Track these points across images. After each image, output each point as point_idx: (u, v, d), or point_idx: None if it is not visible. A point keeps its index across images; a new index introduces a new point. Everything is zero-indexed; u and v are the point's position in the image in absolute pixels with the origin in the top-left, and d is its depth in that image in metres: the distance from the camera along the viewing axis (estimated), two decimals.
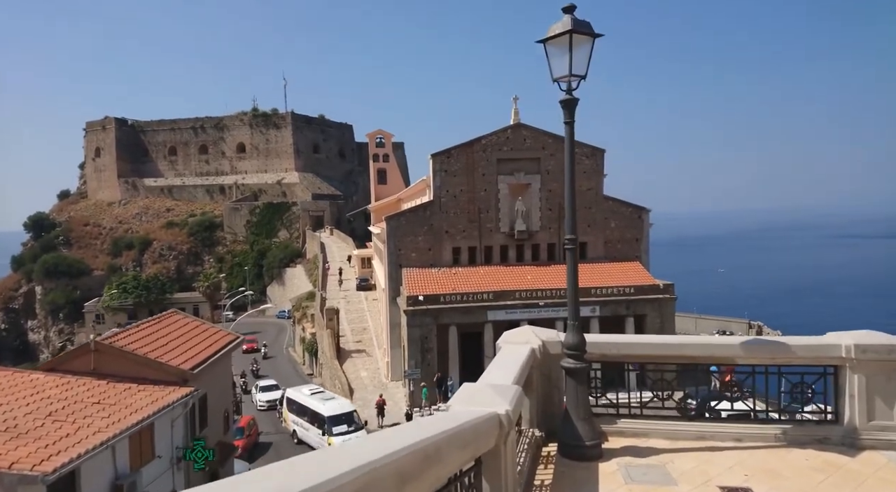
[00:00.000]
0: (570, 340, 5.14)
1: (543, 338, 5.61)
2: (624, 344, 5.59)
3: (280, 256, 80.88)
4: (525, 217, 37.26)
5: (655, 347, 5.54)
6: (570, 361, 5.12)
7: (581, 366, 5.10)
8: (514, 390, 3.85)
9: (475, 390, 3.81)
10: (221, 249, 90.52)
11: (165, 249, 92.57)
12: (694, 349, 5.47)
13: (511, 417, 3.56)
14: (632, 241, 39.02)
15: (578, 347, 5.12)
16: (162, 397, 15.82)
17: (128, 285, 78.78)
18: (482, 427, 3.30)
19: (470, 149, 36.76)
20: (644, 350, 5.53)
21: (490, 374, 4.43)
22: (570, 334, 5.16)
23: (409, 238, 36.54)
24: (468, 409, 3.55)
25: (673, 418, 5.60)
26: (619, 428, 5.54)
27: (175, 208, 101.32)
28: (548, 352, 5.56)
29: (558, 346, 5.53)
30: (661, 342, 5.55)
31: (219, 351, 19.19)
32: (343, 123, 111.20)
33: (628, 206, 39.04)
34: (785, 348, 5.30)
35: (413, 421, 3.28)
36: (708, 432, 5.42)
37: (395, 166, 69.18)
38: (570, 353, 5.14)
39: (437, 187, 36.57)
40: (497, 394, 3.72)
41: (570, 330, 5.18)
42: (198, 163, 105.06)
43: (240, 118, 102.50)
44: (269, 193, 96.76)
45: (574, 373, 5.14)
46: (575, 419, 5.09)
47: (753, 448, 5.21)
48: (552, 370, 5.64)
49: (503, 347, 5.49)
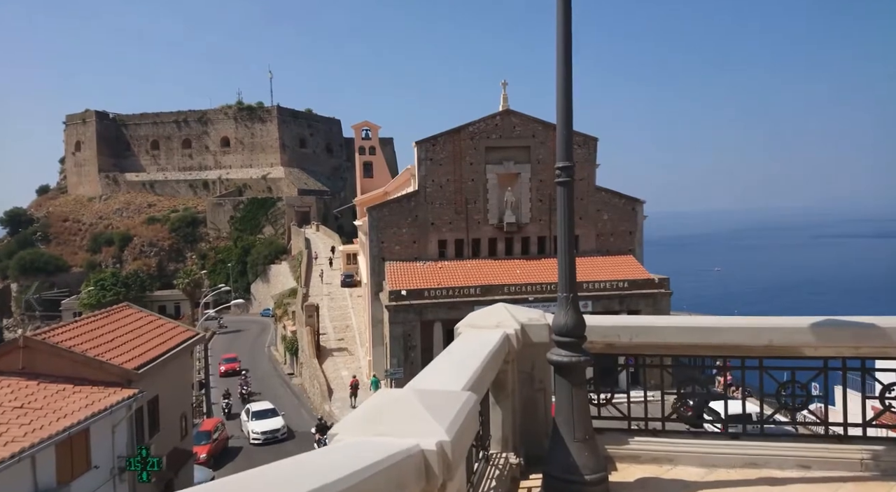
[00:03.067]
0: (563, 322, 3.42)
1: (523, 320, 3.88)
2: (640, 328, 3.86)
3: (265, 253, 78.70)
4: (514, 208, 35.59)
5: (684, 332, 3.82)
6: (563, 353, 3.41)
7: (578, 359, 3.38)
8: (462, 404, 2.13)
9: (390, 403, 2.09)
10: (204, 246, 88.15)
11: (146, 245, 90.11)
12: (740, 335, 3.76)
13: (451, 453, 1.83)
14: (625, 234, 37.49)
15: (574, 332, 3.40)
16: (100, 400, 13.95)
17: (106, 282, 76.14)
18: (386, 480, 1.58)
19: (457, 136, 35.02)
20: (669, 337, 3.81)
21: (430, 373, 2.71)
22: (563, 313, 3.44)
23: (392, 230, 34.75)
24: (367, 441, 1.84)
25: (708, 435, 3.90)
26: (633, 450, 3.83)
27: (157, 204, 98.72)
28: (529, 340, 3.84)
29: (545, 331, 3.82)
30: (694, 326, 3.84)
31: (172, 349, 17.32)
32: (331, 117, 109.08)
33: (621, 197, 37.49)
34: (877, 333, 3.61)
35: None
36: (761, 456, 3.72)
37: (381, 159, 67.28)
38: (563, 340, 3.43)
39: (422, 176, 34.80)
40: (427, 410, 1.99)
41: (563, 307, 3.46)
42: (181, 157, 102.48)
43: (224, 112, 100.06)
44: (253, 189, 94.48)
45: (568, 370, 3.42)
46: (569, 440, 3.38)
47: (830, 481, 3.52)
48: (536, 367, 3.92)
49: (463, 332, 3.76)
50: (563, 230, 3.45)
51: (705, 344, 3.81)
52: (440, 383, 2.48)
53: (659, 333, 3.82)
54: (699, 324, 3.83)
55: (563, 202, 3.42)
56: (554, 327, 3.51)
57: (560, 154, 3.41)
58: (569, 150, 3.40)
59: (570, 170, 3.40)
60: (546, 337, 3.81)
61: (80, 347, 15.05)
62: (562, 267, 3.50)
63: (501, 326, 3.74)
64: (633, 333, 3.83)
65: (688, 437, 3.90)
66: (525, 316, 3.95)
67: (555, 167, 3.43)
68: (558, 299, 3.52)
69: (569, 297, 3.47)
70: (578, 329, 3.44)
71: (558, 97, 3.40)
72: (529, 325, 3.87)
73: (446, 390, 2.27)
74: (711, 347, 3.82)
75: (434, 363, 2.88)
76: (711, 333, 3.80)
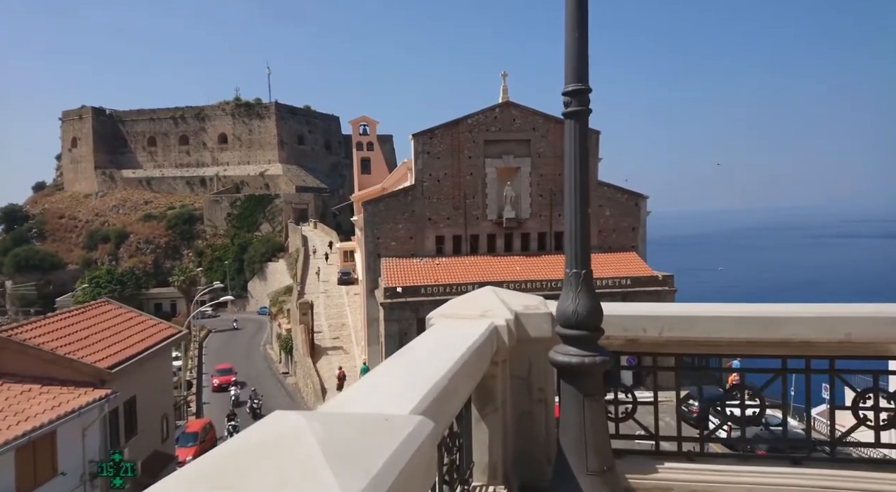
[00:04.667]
0: (572, 309, 2.47)
1: (517, 307, 2.93)
2: (675, 319, 2.89)
3: (262, 251, 77.68)
4: (514, 204, 34.62)
5: (734, 324, 2.86)
6: (571, 352, 2.46)
7: (592, 360, 2.43)
8: (398, 445, 1.16)
9: (258, 449, 1.12)
10: (201, 243, 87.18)
11: (143, 242, 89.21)
12: (809, 328, 2.80)
13: None
14: (628, 230, 36.53)
15: (587, 323, 2.45)
16: (68, 401, 13.01)
17: (101, 280, 75.33)
18: None
19: (455, 129, 34.03)
20: (714, 330, 2.84)
21: (369, 385, 1.75)
22: (571, 297, 2.48)
23: (388, 226, 33.78)
24: None
25: (762, 461, 2.95)
26: (663, 481, 2.88)
27: (154, 201, 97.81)
28: (525, 334, 2.88)
29: (546, 322, 2.86)
30: (746, 316, 2.87)
31: (151, 347, 16.37)
32: (329, 114, 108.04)
33: (624, 192, 36.52)
34: None
35: None
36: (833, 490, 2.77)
37: (379, 155, 66.29)
38: (571, 334, 2.47)
39: (419, 170, 33.82)
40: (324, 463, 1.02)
41: (571, 288, 2.50)
42: (178, 154, 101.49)
43: (222, 108, 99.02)
44: (251, 186, 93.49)
45: (578, 375, 2.47)
46: (579, 471, 2.43)
47: None
48: (534, 369, 2.97)
49: (437, 323, 2.81)
50: (572, 180, 2.50)
51: (762, 340, 2.85)
52: (378, 402, 1.52)
53: (700, 326, 2.86)
54: (753, 312, 2.87)
55: (571, 140, 2.46)
56: (559, 317, 2.56)
57: (570, 74, 2.44)
58: (582, 68, 2.44)
59: (584, 95, 2.44)
60: (548, 330, 2.86)
61: (50, 344, 14.11)
62: (571, 233, 2.54)
63: (488, 316, 2.78)
64: (664, 325, 2.88)
65: (735, 462, 2.94)
66: (520, 303, 3.00)
67: (562, 92, 2.47)
68: (565, 278, 2.57)
69: (580, 274, 2.52)
70: (593, 318, 2.49)
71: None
72: (526, 314, 2.91)
73: (379, 417, 1.31)
74: (771, 344, 2.86)
75: (382, 368, 1.93)
76: (771, 325, 2.84)
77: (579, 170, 2.44)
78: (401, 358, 2.03)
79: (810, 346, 2.83)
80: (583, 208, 2.50)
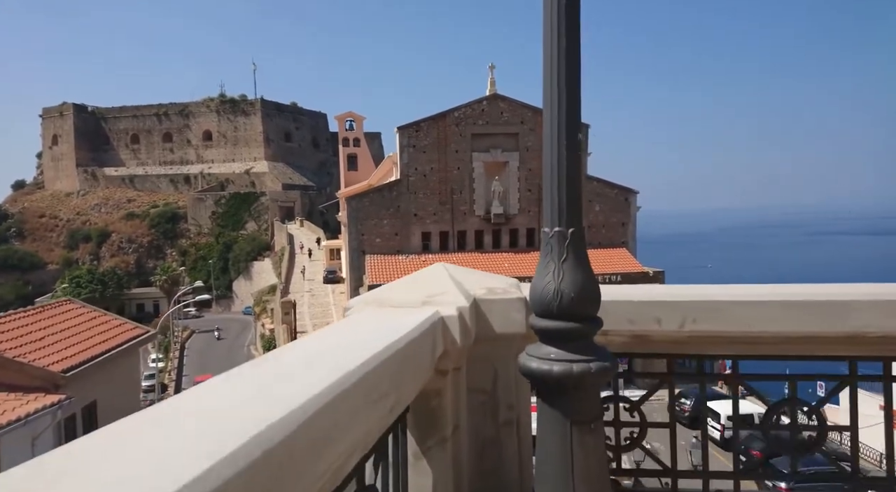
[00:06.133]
0: (553, 289, 1.59)
1: (477, 291, 2.05)
2: (704, 306, 2.00)
3: (247, 250, 76.33)
4: (502, 199, 33.85)
5: (783, 312, 1.99)
6: (551, 355, 1.59)
7: (587, 367, 1.56)
8: None
9: None
10: (185, 242, 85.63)
11: (125, 241, 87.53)
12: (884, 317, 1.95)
13: None
14: (618, 225, 35.91)
15: (577, 309, 1.58)
16: (14, 409, 11.97)
17: (82, 280, 73.71)
18: None
19: (441, 122, 33.17)
20: (757, 321, 1.97)
21: (137, 425, 0.86)
22: (553, 270, 1.60)
23: (372, 222, 32.86)
24: None
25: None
26: None
27: (137, 199, 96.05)
28: (489, 329, 2.01)
29: (517, 310, 2.00)
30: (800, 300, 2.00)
31: (113, 348, 15.33)
32: (317, 111, 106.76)
33: (614, 187, 35.89)
34: None
35: None
36: None
37: (366, 151, 65.24)
38: (552, 327, 1.60)
39: (404, 164, 32.93)
40: None
41: (552, 258, 1.62)
42: (161, 151, 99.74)
43: (206, 105, 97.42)
44: (236, 183, 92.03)
45: (563, 389, 1.60)
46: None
47: None
48: (501, 380, 2.09)
49: (356, 313, 1.92)
50: (554, 92, 1.62)
51: (822, 334, 1.99)
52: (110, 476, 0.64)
53: (737, 315, 1.99)
54: (809, 295, 2.01)
55: (554, 22, 1.58)
56: (533, 301, 1.67)
57: None
58: None
59: None
60: (521, 322, 1.99)
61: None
62: (551, 177, 1.66)
63: (433, 303, 1.90)
64: (687, 314, 2.01)
65: None
66: (481, 284, 2.12)
67: None
68: (542, 243, 1.69)
69: (564, 235, 1.63)
70: (586, 302, 1.61)
71: None
72: (489, 300, 2.04)
73: None
74: (833, 339, 2.01)
75: (196, 391, 1.04)
76: (834, 312, 1.98)
77: (566, 68, 1.56)
78: (246, 372, 1.15)
79: (889, 341, 1.98)
80: (569, 138, 1.63)
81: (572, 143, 1.61)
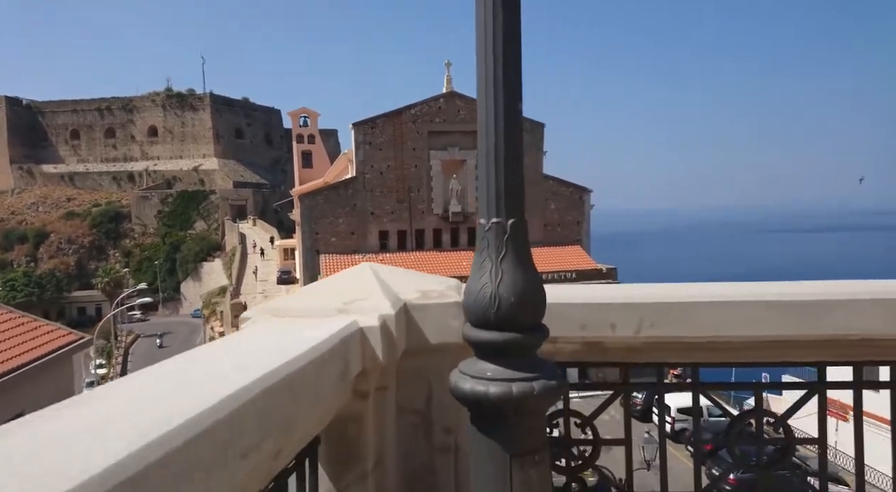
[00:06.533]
0: (490, 290, 1.31)
1: (408, 295, 1.75)
2: (667, 308, 1.76)
3: (196, 250, 73.61)
4: (460, 198, 33.70)
5: (758, 313, 1.77)
6: (487, 373, 1.31)
7: (528, 387, 1.29)
8: None
9: None
10: (129, 243, 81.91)
11: (64, 242, 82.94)
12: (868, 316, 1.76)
13: None
14: (572, 224, 36.37)
15: (518, 315, 1.30)
16: None
17: (17, 283, 69.54)
18: None
19: (398, 119, 32.72)
20: (737, 323, 1.74)
21: None
22: (489, 268, 1.32)
23: (327, 220, 32.13)
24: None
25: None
26: None
27: (77, 198, 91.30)
28: (421, 339, 1.71)
29: (455, 316, 1.71)
30: (781, 299, 1.78)
31: (42, 356, 14.25)
32: (270, 107, 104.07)
33: (569, 186, 36.32)
34: None
35: None
36: None
37: (321, 148, 63.95)
38: (489, 339, 1.32)
39: (360, 162, 32.34)
40: None
41: (489, 254, 1.34)
42: (104, 148, 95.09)
43: (152, 99, 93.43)
44: (184, 181, 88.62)
45: (501, 416, 1.32)
46: None
47: None
48: (437, 399, 1.79)
49: (252, 324, 1.58)
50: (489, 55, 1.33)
51: (795, 338, 1.78)
52: None
53: (703, 317, 1.76)
54: (779, 294, 1.79)
55: None
56: (468, 306, 1.38)
57: None
58: None
59: None
60: (461, 331, 1.70)
61: None
62: (487, 157, 1.38)
63: (351, 311, 1.58)
64: (645, 316, 1.76)
65: None
66: (415, 287, 1.82)
67: None
68: (478, 236, 1.40)
69: (503, 227, 1.35)
70: (529, 307, 1.34)
71: None
72: (423, 305, 1.74)
73: None
74: (806, 344, 1.80)
75: None
76: (807, 313, 1.77)
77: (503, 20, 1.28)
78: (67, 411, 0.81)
79: (869, 346, 1.79)
80: (508, 109, 1.34)
81: (512, 114, 1.33)
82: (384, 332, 1.54)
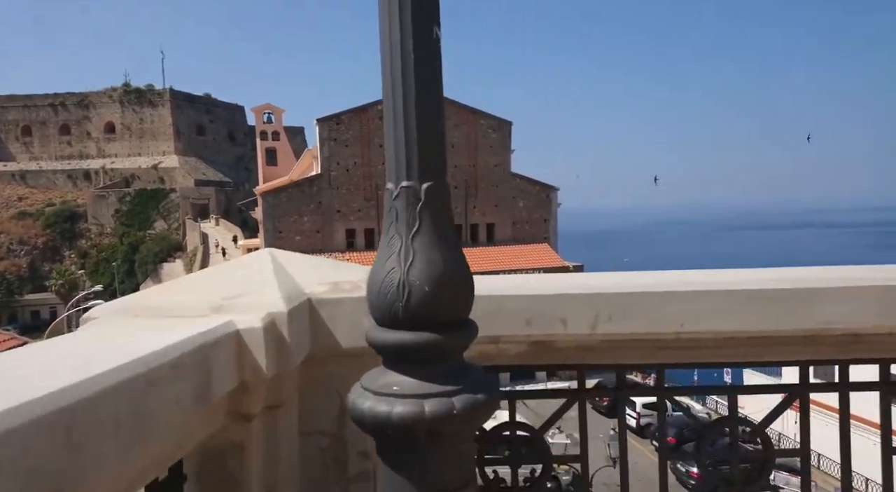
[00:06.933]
0: (398, 276, 1.00)
1: (312, 288, 1.41)
2: (629, 298, 1.47)
3: (155, 250, 71.19)
4: None
5: (731, 303, 1.50)
6: (393, 388, 1.00)
7: (447, 407, 0.98)
8: None
9: None
10: (85, 243, 78.79)
11: (16, 243, 79.27)
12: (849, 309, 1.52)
13: None
14: (540, 222, 36.45)
15: (432, 309, 1.00)
16: None
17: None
18: None
19: (364, 115, 32.15)
20: (705, 317, 1.47)
21: None
22: (398, 247, 1.01)
23: (291, 218, 31.36)
24: None
25: None
26: None
27: (29, 197, 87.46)
28: (331, 342, 1.38)
29: (352, 317, 1.38)
30: (757, 288, 1.52)
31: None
32: (234, 103, 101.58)
33: (536, 184, 36.38)
34: None
35: None
36: None
37: (286, 146, 62.65)
38: (396, 341, 1.01)
39: (325, 158, 31.66)
40: None
41: (398, 228, 1.03)
42: (58, 145, 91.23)
43: (108, 95, 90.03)
44: (143, 179, 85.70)
45: (413, 446, 1.01)
46: None
47: None
48: (349, 420, 1.47)
49: (98, 326, 1.22)
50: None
51: (776, 333, 1.52)
52: None
53: (667, 310, 1.47)
54: (755, 283, 1.52)
55: None
56: (371, 299, 1.06)
57: None
58: None
59: None
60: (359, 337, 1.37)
61: None
62: (393, 102, 1.05)
63: (230, 308, 1.24)
64: (601, 310, 1.46)
65: None
66: (324, 278, 1.49)
67: None
68: (385, 209, 1.08)
69: (416, 192, 1.03)
70: (451, 299, 1.02)
71: None
72: (332, 301, 1.42)
73: None
74: (788, 340, 1.54)
75: None
76: (790, 307, 1.50)
77: None
78: None
79: (856, 342, 1.54)
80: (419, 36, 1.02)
81: (425, 37, 1.01)
82: (271, 334, 1.20)
